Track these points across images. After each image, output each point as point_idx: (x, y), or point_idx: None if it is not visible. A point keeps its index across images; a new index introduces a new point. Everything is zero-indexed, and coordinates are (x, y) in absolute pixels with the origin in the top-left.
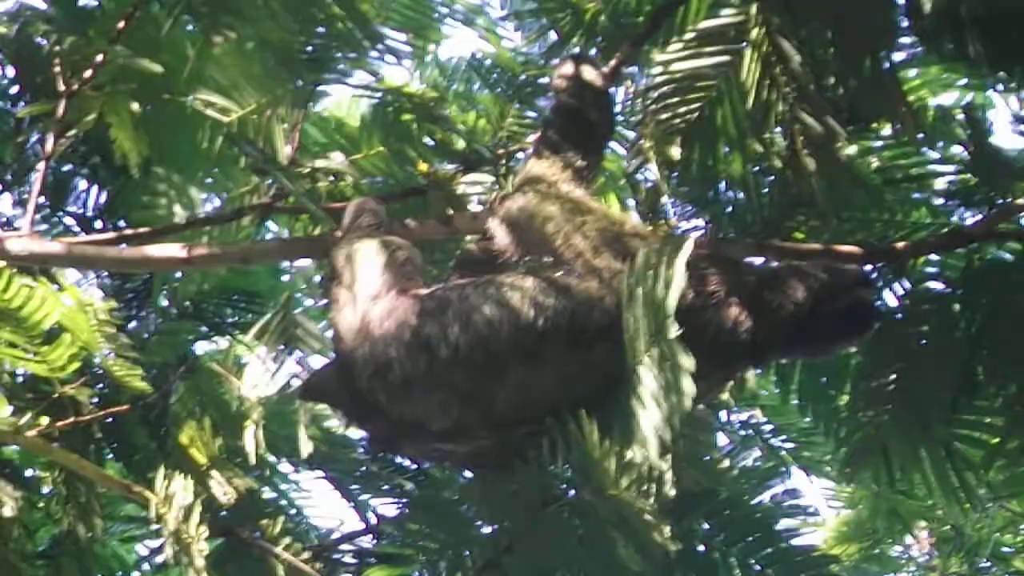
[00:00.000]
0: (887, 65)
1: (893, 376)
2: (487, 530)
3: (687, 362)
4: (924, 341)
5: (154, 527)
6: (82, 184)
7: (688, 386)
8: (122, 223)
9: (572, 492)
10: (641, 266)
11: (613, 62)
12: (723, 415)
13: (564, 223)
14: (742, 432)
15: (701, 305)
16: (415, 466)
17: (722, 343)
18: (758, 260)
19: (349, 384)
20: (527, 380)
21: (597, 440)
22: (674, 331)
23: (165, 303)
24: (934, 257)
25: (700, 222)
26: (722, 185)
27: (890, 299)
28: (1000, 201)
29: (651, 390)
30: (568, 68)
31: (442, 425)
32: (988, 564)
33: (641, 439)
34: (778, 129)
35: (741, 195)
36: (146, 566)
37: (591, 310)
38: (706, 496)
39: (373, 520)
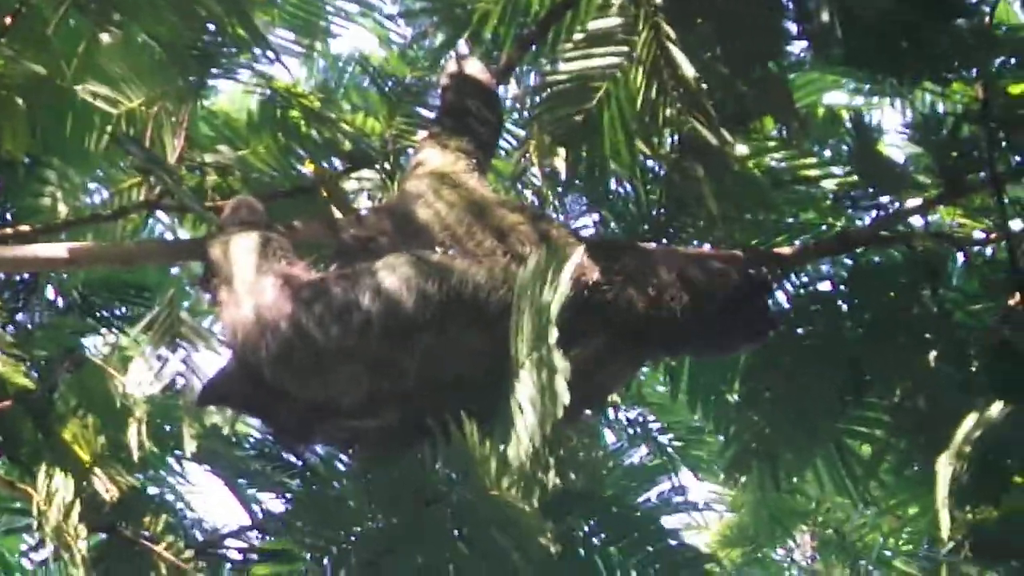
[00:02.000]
0: (775, 71)
1: (781, 375)
2: (370, 528)
3: (563, 366)
4: (812, 340)
5: (35, 524)
6: None
7: (562, 391)
8: (10, 217)
9: (453, 491)
10: (531, 272)
11: (502, 62)
12: (611, 413)
13: (460, 211)
14: (630, 430)
15: (611, 282)
16: (301, 463)
17: (632, 322)
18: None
19: (252, 379)
20: (433, 351)
21: (477, 440)
22: (554, 337)
23: (52, 295)
24: None
25: (589, 221)
26: (612, 185)
27: (778, 296)
28: (886, 201)
29: (528, 394)
30: (455, 67)
31: (353, 399)
32: (871, 568)
33: (515, 441)
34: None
35: (630, 191)
36: (27, 563)
37: (493, 289)
38: (585, 495)
39: (259, 516)
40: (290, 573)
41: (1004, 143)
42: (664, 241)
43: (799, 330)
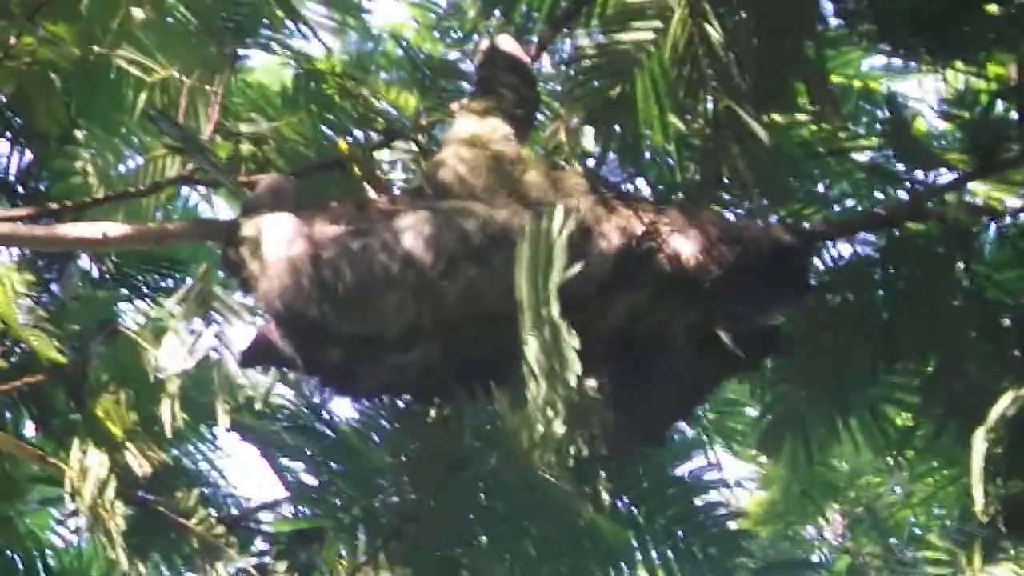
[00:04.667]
0: (809, 49)
1: (813, 344)
2: (398, 497)
3: (571, 340)
4: (844, 309)
5: (68, 499)
6: (2, 147)
7: (572, 357)
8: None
9: (481, 460)
10: (529, 237)
11: (535, 41)
12: None
13: (500, 176)
14: None
15: (659, 232)
16: (334, 435)
17: (678, 274)
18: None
19: (292, 334)
20: (475, 281)
21: (507, 409)
22: (556, 310)
23: (87, 265)
24: None
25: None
26: (647, 155)
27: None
28: (921, 178)
29: (537, 360)
30: (488, 43)
31: (399, 326)
32: (903, 546)
33: (533, 409)
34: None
35: (664, 162)
36: (57, 539)
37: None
38: (609, 460)
39: (292, 487)
40: (320, 540)
41: None
42: None
43: (831, 297)
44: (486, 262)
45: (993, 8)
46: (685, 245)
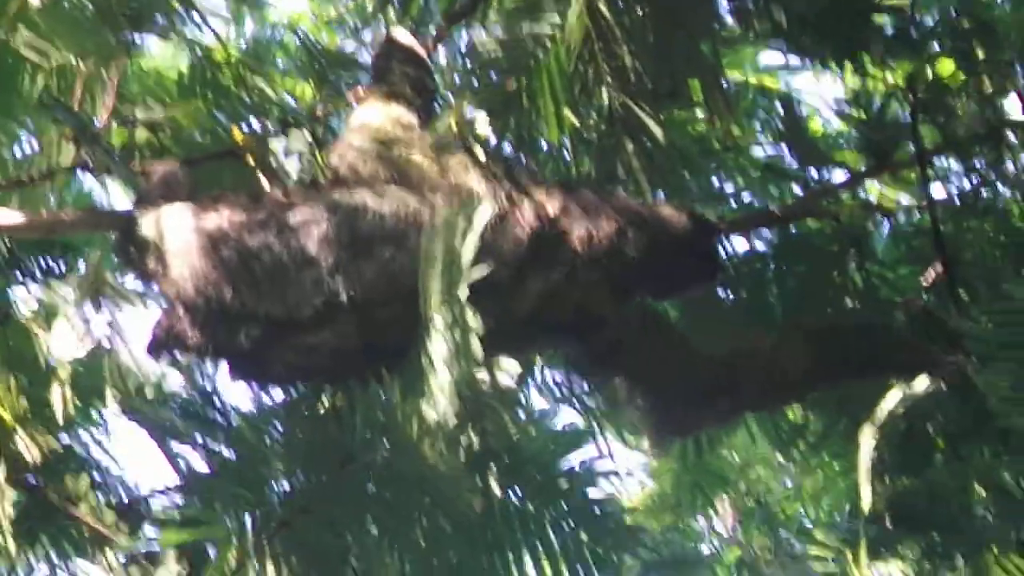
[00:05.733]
0: (706, 50)
1: (705, 340)
2: (288, 489)
3: (475, 324)
4: (737, 306)
5: None
6: None
7: (476, 349)
8: None
9: (373, 451)
10: (442, 225)
11: (432, 34)
12: (538, 375)
13: (404, 163)
14: (556, 392)
15: (570, 213)
16: (226, 424)
17: (590, 254)
18: None
19: (205, 315)
20: (392, 261)
21: (399, 399)
22: (464, 293)
23: None
24: None
25: None
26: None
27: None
28: (814, 174)
29: (441, 351)
30: (385, 35)
31: (315, 304)
32: (792, 539)
33: (431, 398)
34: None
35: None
36: None
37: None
38: (503, 454)
39: (184, 473)
40: (208, 536)
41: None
42: None
43: (725, 294)
44: (401, 246)
45: (881, 19)
46: (596, 226)
